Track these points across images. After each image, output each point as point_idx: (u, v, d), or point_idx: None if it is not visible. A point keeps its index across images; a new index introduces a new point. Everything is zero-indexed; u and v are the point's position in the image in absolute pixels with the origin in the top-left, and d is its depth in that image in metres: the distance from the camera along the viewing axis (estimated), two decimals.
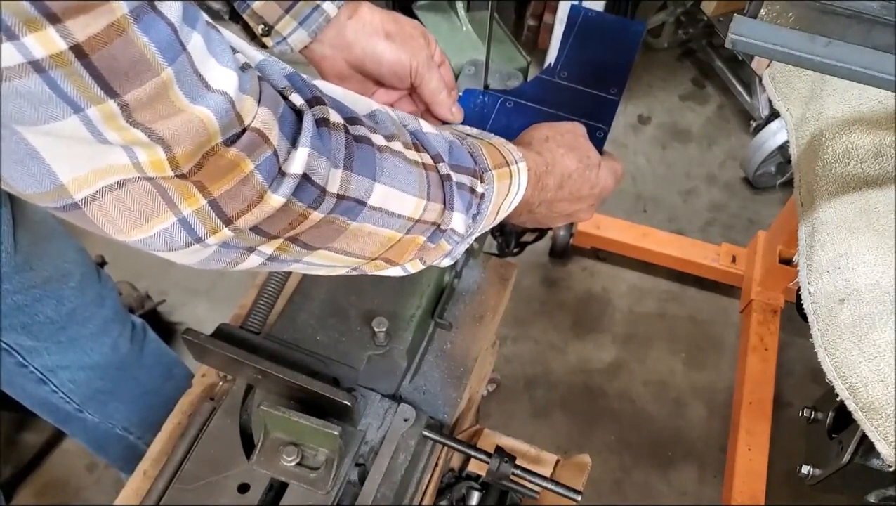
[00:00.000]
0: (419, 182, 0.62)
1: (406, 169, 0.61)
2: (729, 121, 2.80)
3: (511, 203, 0.75)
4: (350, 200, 0.58)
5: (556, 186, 0.81)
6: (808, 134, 1.30)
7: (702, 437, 2.12)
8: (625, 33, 1.00)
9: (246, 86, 0.50)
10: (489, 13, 0.91)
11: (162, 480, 0.97)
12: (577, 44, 1.00)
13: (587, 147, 0.84)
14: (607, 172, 0.86)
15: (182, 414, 1.07)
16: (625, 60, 0.99)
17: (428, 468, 1.04)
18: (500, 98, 0.96)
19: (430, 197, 0.63)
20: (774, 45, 0.87)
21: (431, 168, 0.64)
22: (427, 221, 0.65)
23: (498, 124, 0.95)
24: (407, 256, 0.68)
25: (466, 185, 0.68)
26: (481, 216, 0.71)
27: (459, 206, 0.67)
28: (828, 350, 1.09)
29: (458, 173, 0.67)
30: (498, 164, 0.72)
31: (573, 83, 0.98)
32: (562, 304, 2.35)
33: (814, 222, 1.19)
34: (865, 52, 0.84)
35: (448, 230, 0.68)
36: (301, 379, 0.93)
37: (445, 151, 0.67)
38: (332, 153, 0.55)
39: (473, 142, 0.73)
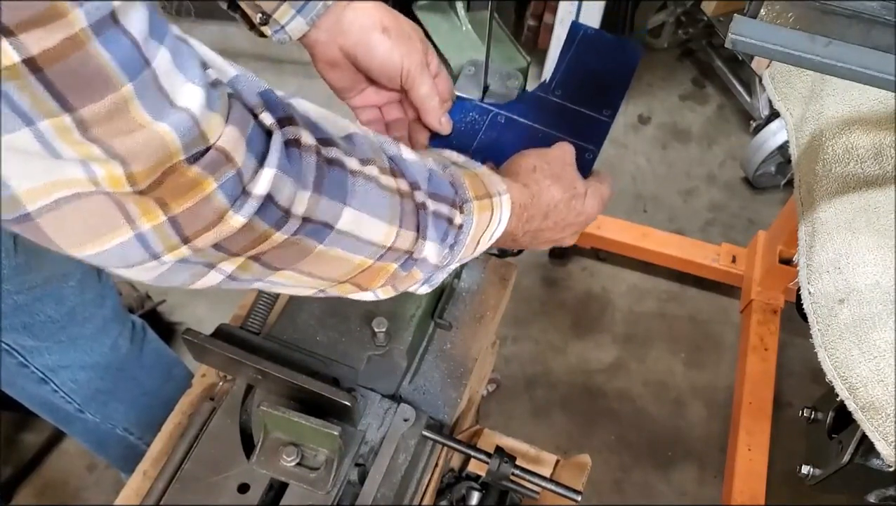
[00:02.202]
0: (392, 209, 0.61)
1: (379, 195, 0.60)
2: (729, 121, 2.80)
3: (493, 235, 0.74)
4: (317, 222, 0.57)
5: (541, 217, 0.80)
6: (808, 134, 1.30)
7: (702, 437, 2.12)
8: (623, 54, 0.98)
9: (213, 103, 0.49)
10: (489, 13, 0.91)
11: (162, 480, 0.97)
12: (575, 61, 0.99)
13: (574, 176, 0.83)
14: (593, 200, 0.85)
15: (182, 414, 1.07)
16: (621, 82, 0.98)
17: (428, 468, 1.04)
18: (492, 112, 0.95)
19: (402, 224, 0.62)
20: (774, 45, 0.87)
21: (407, 195, 0.63)
22: (399, 249, 0.64)
23: (488, 139, 0.94)
24: (377, 282, 0.67)
25: (444, 214, 0.66)
26: (459, 246, 0.69)
27: (434, 235, 0.65)
28: (828, 350, 1.09)
29: (435, 202, 0.66)
30: (480, 195, 0.71)
31: (567, 101, 0.97)
32: (562, 304, 2.35)
33: (814, 222, 1.19)
34: (865, 52, 0.84)
35: (421, 259, 0.67)
36: (301, 379, 0.93)
37: (424, 179, 0.65)
38: (300, 175, 0.54)
39: (456, 171, 0.71)
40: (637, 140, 2.74)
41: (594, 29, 1.00)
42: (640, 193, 2.60)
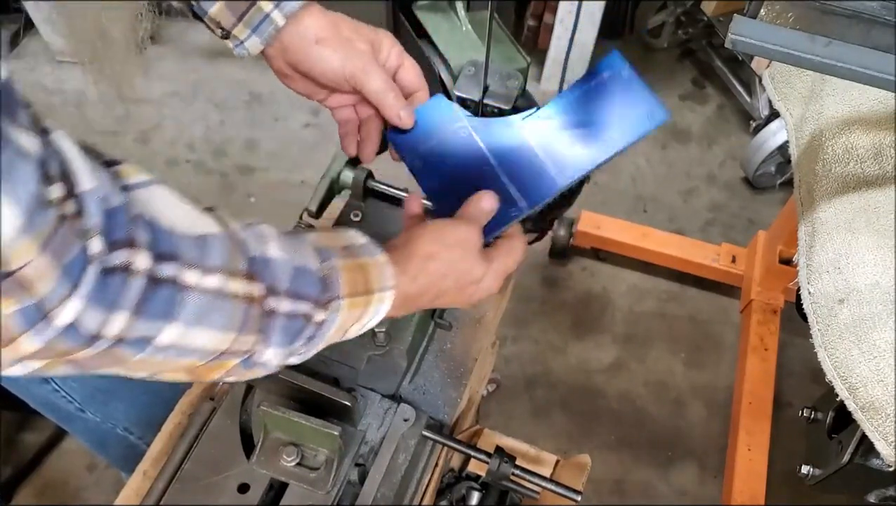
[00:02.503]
0: (233, 317, 0.59)
1: (216, 306, 0.58)
2: (729, 121, 2.80)
3: (365, 326, 0.74)
4: (132, 340, 0.55)
5: (428, 302, 0.80)
6: (808, 134, 1.30)
7: (702, 437, 2.12)
8: (645, 112, 0.86)
9: (33, 227, 0.46)
10: (489, 13, 0.90)
11: (162, 480, 0.97)
12: (585, 98, 0.87)
13: (473, 263, 0.80)
14: (491, 281, 0.83)
15: (182, 414, 1.07)
16: (615, 143, 0.85)
17: (428, 468, 1.04)
18: (460, 121, 0.90)
19: (243, 331, 0.61)
20: (774, 46, 0.87)
21: (257, 300, 0.61)
22: (237, 351, 0.62)
23: (441, 147, 0.89)
24: (216, 376, 0.66)
25: (300, 313, 0.65)
26: (318, 339, 0.69)
27: (279, 341, 0.64)
28: (828, 350, 1.09)
29: (293, 302, 0.64)
30: (356, 292, 0.70)
31: (538, 142, 0.88)
32: (562, 304, 2.35)
33: (814, 222, 1.19)
34: (865, 52, 0.85)
35: (262, 362, 0.65)
36: (301, 379, 0.93)
37: (286, 279, 0.63)
38: (117, 301, 0.52)
39: (336, 265, 0.69)
40: None
41: (631, 71, 0.87)
42: (639, 193, 2.61)
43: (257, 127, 2.70)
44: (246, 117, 2.72)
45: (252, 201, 2.51)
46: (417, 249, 0.77)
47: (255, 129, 2.69)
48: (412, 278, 0.76)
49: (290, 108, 2.73)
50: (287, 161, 2.60)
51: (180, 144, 2.66)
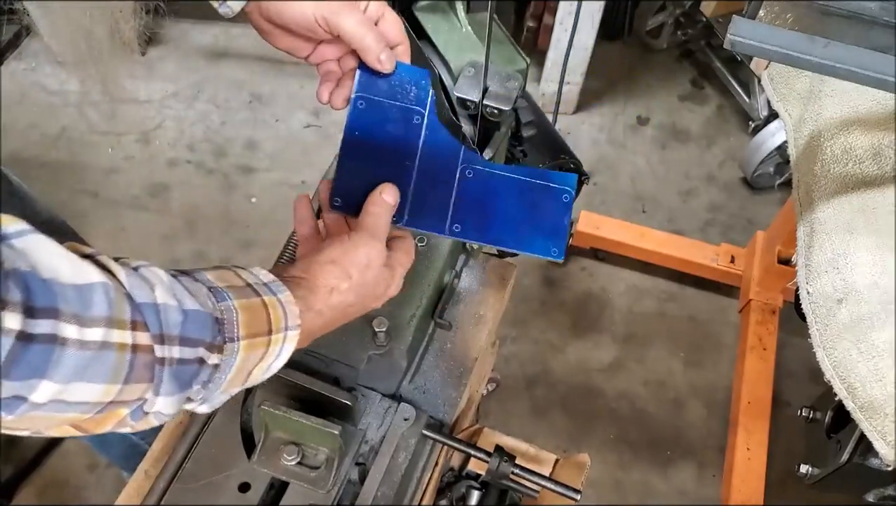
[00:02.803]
0: (116, 369, 0.57)
1: (98, 359, 0.55)
2: (728, 121, 2.81)
3: (270, 366, 0.71)
4: (2, 400, 0.53)
5: (333, 328, 0.79)
6: (807, 135, 1.30)
7: (701, 436, 2.13)
8: (549, 238, 0.84)
9: None
10: (489, 14, 0.91)
11: (163, 479, 0.98)
12: (522, 187, 0.86)
13: (376, 280, 0.79)
14: (395, 286, 0.83)
15: (183, 413, 1.07)
16: (504, 242, 0.85)
17: (428, 467, 1.04)
18: (423, 108, 0.87)
19: (129, 381, 0.58)
20: (773, 46, 0.87)
21: (143, 350, 0.59)
22: (126, 401, 0.60)
23: (387, 119, 0.86)
24: (106, 427, 0.63)
25: (191, 359, 0.62)
26: (216, 383, 0.66)
27: (169, 389, 0.62)
28: (826, 350, 1.10)
29: (184, 348, 0.61)
30: (256, 333, 0.67)
31: (459, 182, 0.85)
32: (561, 304, 2.35)
33: (812, 223, 1.20)
34: (864, 52, 0.85)
35: (153, 412, 0.63)
36: (301, 378, 0.93)
37: (176, 325, 0.61)
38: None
39: (233, 306, 0.66)
40: (636, 141, 2.74)
41: (572, 201, 0.87)
42: (639, 193, 2.61)
43: (258, 127, 2.70)
44: (247, 118, 2.72)
45: (253, 202, 2.51)
46: (319, 281, 0.75)
47: (255, 129, 2.69)
48: (318, 313, 0.75)
49: (291, 108, 2.73)
50: (288, 161, 2.60)
51: (181, 145, 2.66)
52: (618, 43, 2.96)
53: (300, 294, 0.73)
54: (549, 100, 2.68)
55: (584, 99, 2.79)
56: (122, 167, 2.59)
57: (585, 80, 2.67)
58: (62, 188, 2.52)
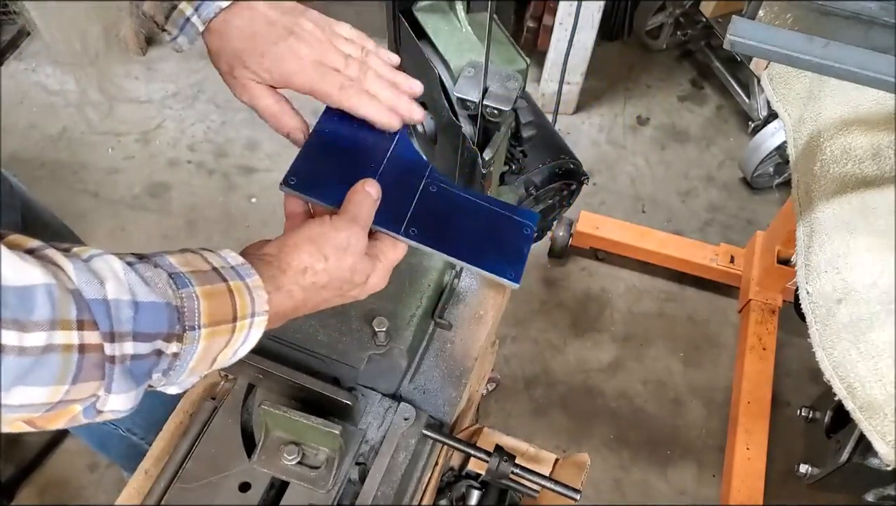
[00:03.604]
0: (62, 371, 0.56)
1: (41, 363, 0.54)
2: (727, 122, 2.81)
3: (237, 351, 0.70)
4: None
5: (305, 312, 0.77)
6: (807, 135, 1.30)
7: (700, 436, 2.13)
8: (509, 263, 0.85)
9: None
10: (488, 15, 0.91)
11: (163, 479, 0.98)
12: (486, 213, 0.87)
13: (353, 266, 0.77)
14: (377, 278, 0.81)
15: (184, 413, 1.07)
16: (465, 257, 0.84)
17: (428, 467, 1.04)
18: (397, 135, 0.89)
19: (77, 381, 0.57)
20: (773, 46, 0.87)
21: (92, 349, 0.57)
22: (76, 399, 0.59)
23: (359, 126, 0.88)
24: (60, 424, 0.62)
25: (148, 353, 0.61)
26: (177, 371, 0.65)
27: (122, 387, 0.60)
28: (826, 350, 1.10)
29: (138, 342, 0.60)
30: (219, 320, 0.66)
31: (424, 193, 0.86)
32: (561, 304, 2.35)
33: (812, 223, 1.20)
34: (864, 52, 0.85)
35: (108, 409, 0.62)
36: (302, 378, 0.93)
37: (129, 321, 0.59)
38: None
39: (195, 294, 0.65)
40: (635, 141, 2.75)
41: (531, 236, 0.88)
42: (638, 193, 2.61)
43: (258, 128, 2.70)
44: (247, 118, 2.72)
45: (253, 202, 2.51)
46: (293, 260, 0.74)
47: (256, 129, 2.69)
48: (287, 295, 0.73)
49: None
50: (288, 162, 2.57)
51: (181, 145, 2.66)
52: (618, 43, 2.96)
53: (270, 274, 0.71)
54: (549, 100, 2.68)
55: (584, 99, 2.79)
56: (123, 167, 2.59)
57: (585, 81, 2.67)
58: (62, 188, 2.52)
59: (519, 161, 1.10)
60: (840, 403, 1.10)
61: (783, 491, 1.97)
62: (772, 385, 2.03)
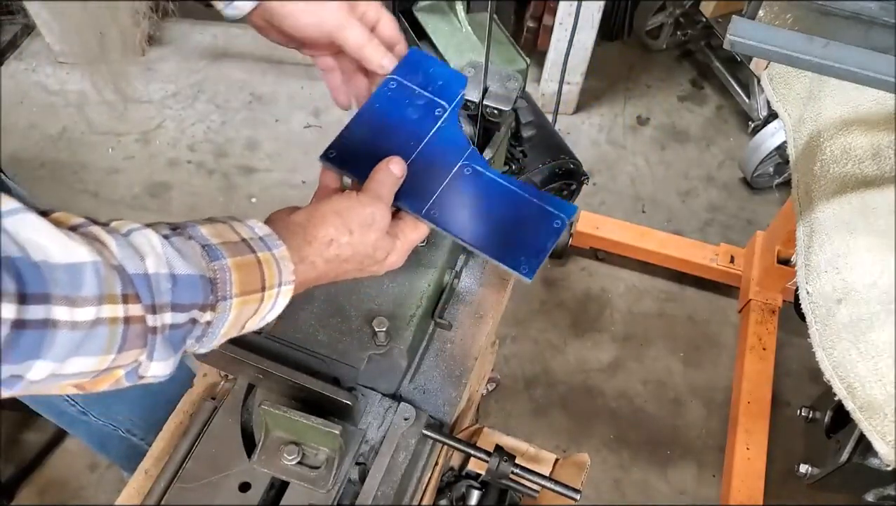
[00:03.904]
0: (109, 341, 0.59)
1: (91, 335, 0.57)
2: (727, 122, 2.81)
3: (265, 317, 0.73)
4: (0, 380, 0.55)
5: (328, 281, 0.80)
6: (807, 135, 1.30)
7: (700, 436, 2.13)
8: (528, 255, 0.84)
9: None
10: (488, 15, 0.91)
11: (163, 479, 0.98)
12: (518, 201, 0.86)
13: (374, 242, 0.79)
14: (396, 256, 0.83)
15: (184, 414, 1.07)
16: (482, 245, 0.84)
17: (428, 467, 1.04)
18: (430, 92, 0.90)
19: (122, 349, 0.60)
20: (773, 47, 0.87)
21: (136, 320, 0.61)
22: (120, 365, 0.62)
23: (406, 105, 0.90)
24: (104, 386, 0.65)
25: (183, 323, 0.64)
26: (209, 337, 0.68)
27: (162, 354, 0.64)
28: (826, 350, 1.10)
29: (176, 313, 0.63)
30: (249, 290, 0.69)
31: (457, 178, 0.86)
32: (561, 303, 2.35)
33: (812, 223, 1.20)
34: (863, 52, 0.85)
35: (149, 375, 0.65)
36: (302, 378, 0.93)
37: (167, 292, 0.62)
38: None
39: (227, 265, 0.67)
40: (635, 141, 2.75)
41: (562, 228, 0.86)
42: (638, 193, 2.61)
43: (258, 128, 2.70)
44: (247, 118, 2.73)
45: (253, 202, 2.51)
46: (318, 232, 0.76)
47: (256, 129, 2.69)
48: (311, 266, 0.75)
49: (291, 108, 2.73)
50: (288, 162, 2.60)
51: (181, 145, 2.66)
52: (618, 43, 2.96)
53: (296, 244, 0.74)
54: (549, 100, 2.68)
55: (584, 99, 2.79)
56: (123, 167, 2.60)
57: (585, 81, 2.67)
58: (62, 188, 2.52)
59: (519, 161, 1.10)
60: (840, 403, 1.10)
61: (783, 491, 1.97)
62: (772, 385, 2.03)
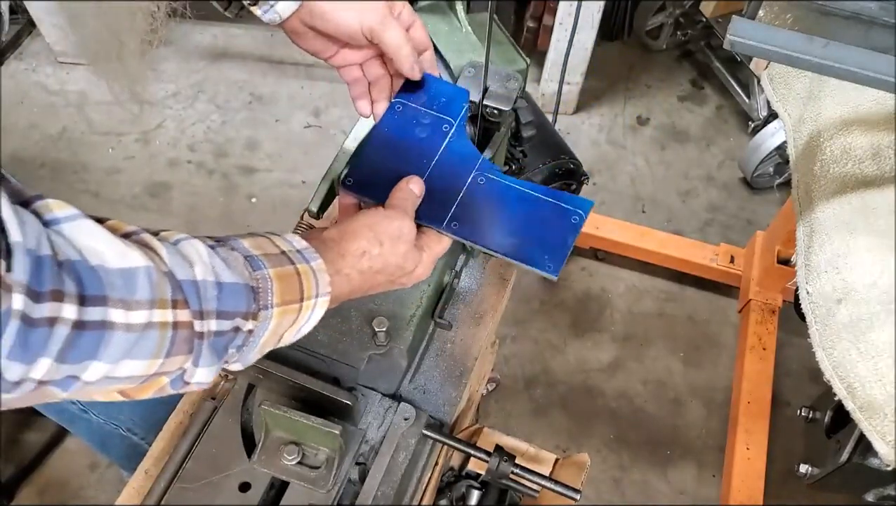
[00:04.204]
0: (158, 346, 0.61)
1: (143, 338, 0.59)
2: (727, 122, 2.81)
3: (301, 330, 0.74)
4: (57, 380, 0.57)
5: (359, 295, 0.81)
6: (807, 135, 1.30)
7: (700, 436, 2.13)
8: (550, 253, 0.85)
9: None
10: (488, 15, 0.91)
11: (163, 479, 0.98)
12: (535, 203, 0.88)
13: (404, 254, 0.82)
14: (423, 268, 0.85)
15: (184, 413, 1.08)
16: (504, 248, 0.85)
17: (428, 467, 1.04)
18: (453, 116, 0.93)
19: (170, 354, 0.62)
20: (772, 47, 0.87)
21: (184, 326, 0.62)
22: (166, 372, 0.64)
23: (415, 122, 0.92)
24: (149, 394, 0.68)
25: (227, 330, 0.66)
26: (250, 347, 0.70)
27: (207, 361, 0.65)
28: (826, 350, 1.10)
29: (221, 320, 0.65)
30: (289, 300, 0.71)
31: (472, 186, 0.88)
32: (561, 303, 2.35)
33: (812, 223, 1.20)
34: (863, 52, 0.85)
35: (194, 382, 0.67)
36: (302, 378, 0.93)
37: (213, 300, 0.64)
38: (38, 353, 0.54)
39: (268, 275, 0.70)
40: (636, 141, 2.75)
41: (583, 223, 0.87)
42: (638, 193, 2.61)
43: (258, 128, 2.70)
44: (247, 118, 2.73)
45: (253, 202, 2.51)
46: (351, 246, 0.78)
47: (256, 129, 2.69)
48: (346, 278, 0.77)
49: (291, 108, 2.73)
50: (288, 162, 2.60)
51: (182, 145, 2.66)
52: (618, 43, 2.96)
53: (330, 257, 0.76)
54: (549, 100, 2.68)
55: (584, 99, 2.79)
56: (123, 167, 2.60)
57: (585, 81, 2.67)
58: (63, 188, 2.52)
59: (519, 161, 1.10)
60: (840, 403, 1.09)
61: (783, 491, 1.97)
62: (772, 385, 2.03)
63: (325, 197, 1.04)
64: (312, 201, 1.03)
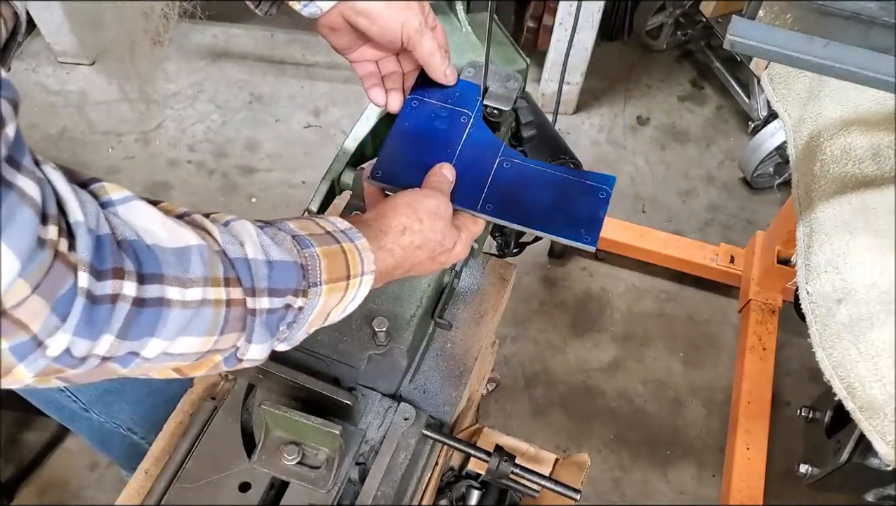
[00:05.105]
0: (213, 323, 0.62)
1: (198, 315, 0.61)
2: (727, 122, 2.81)
3: (346, 308, 0.76)
4: (119, 357, 0.58)
5: (402, 273, 0.83)
6: (807, 135, 1.30)
7: (700, 436, 2.13)
8: (584, 228, 0.88)
9: (27, 270, 0.49)
10: (488, 15, 0.91)
11: (163, 479, 0.98)
12: (560, 182, 0.91)
13: (444, 231, 0.84)
14: (461, 246, 0.87)
15: (184, 413, 1.08)
16: (538, 226, 0.89)
17: (428, 467, 1.04)
18: (470, 107, 0.96)
19: (224, 332, 0.63)
20: (772, 47, 0.87)
21: (237, 303, 0.64)
22: (220, 349, 0.65)
23: (436, 117, 0.95)
24: (202, 371, 0.68)
25: (279, 307, 0.67)
26: (300, 324, 0.71)
27: (260, 338, 0.67)
28: (826, 350, 1.10)
29: (272, 298, 0.66)
30: (336, 277, 0.72)
31: (498, 173, 0.91)
32: (561, 303, 2.35)
33: (812, 223, 1.20)
34: (864, 52, 0.85)
35: (247, 359, 0.68)
36: (302, 378, 0.93)
37: (264, 278, 0.65)
38: (103, 329, 0.55)
39: (315, 253, 0.71)
40: (636, 141, 2.75)
41: (609, 197, 0.92)
42: (638, 193, 2.61)
43: (258, 127, 2.70)
44: (247, 118, 2.72)
45: (253, 202, 2.51)
46: (392, 222, 0.80)
47: (256, 129, 2.69)
48: (389, 253, 0.79)
49: (291, 108, 2.73)
50: (288, 162, 2.60)
51: (182, 145, 2.66)
52: (618, 43, 2.96)
53: (372, 235, 0.78)
54: (549, 100, 2.68)
55: (584, 99, 2.79)
56: (123, 167, 2.59)
57: (585, 81, 2.67)
58: None
59: None
60: (840, 403, 1.09)
61: (783, 491, 1.97)
62: (772, 385, 2.03)
63: (324, 197, 1.04)
64: (312, 201, 1.03)
